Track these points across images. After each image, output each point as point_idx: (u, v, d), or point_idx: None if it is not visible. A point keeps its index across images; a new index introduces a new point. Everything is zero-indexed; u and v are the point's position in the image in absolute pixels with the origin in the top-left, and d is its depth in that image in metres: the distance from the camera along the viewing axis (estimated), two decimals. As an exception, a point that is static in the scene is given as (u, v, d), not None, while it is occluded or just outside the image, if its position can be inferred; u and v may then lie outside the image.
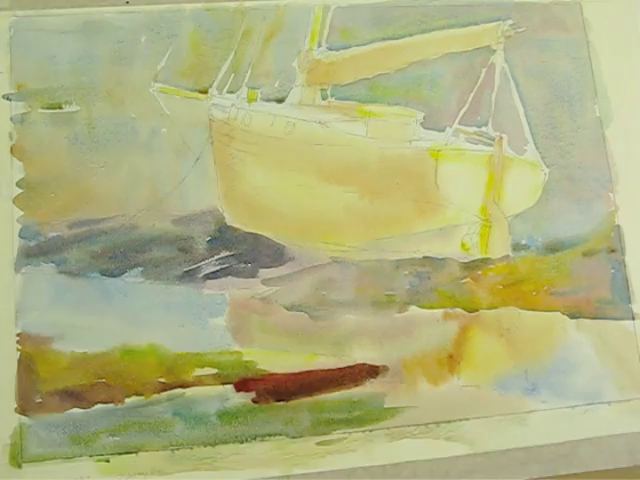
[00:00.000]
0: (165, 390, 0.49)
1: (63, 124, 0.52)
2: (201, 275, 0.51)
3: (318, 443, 0.50)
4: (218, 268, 0.51)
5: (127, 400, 0.49)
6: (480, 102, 0.56)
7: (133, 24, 0.54)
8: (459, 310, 0.53)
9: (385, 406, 0.51)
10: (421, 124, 0.55)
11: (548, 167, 0.56)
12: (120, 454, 0.48)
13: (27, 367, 0.48)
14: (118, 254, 0.51)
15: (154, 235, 0.51)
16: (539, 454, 0.51)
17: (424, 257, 0.53)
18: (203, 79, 0.54)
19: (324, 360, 0.51)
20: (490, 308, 0.53)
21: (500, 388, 0.52)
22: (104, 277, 0.50)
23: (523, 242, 0.55)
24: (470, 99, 0.56)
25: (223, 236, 0.52)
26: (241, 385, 0.50)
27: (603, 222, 0.56)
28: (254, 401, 0.50)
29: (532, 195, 0.56)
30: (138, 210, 0.51)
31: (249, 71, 0.54)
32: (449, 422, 0.51)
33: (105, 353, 0.49)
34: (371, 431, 0.51)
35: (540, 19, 0.58)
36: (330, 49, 0.55)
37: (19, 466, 0.47)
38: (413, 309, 0.53)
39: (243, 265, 0.52)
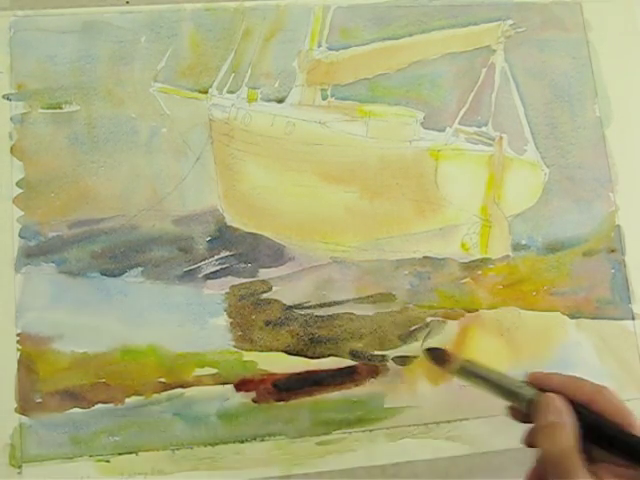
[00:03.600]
0: (165, 390, 0.49)
1: (63, 124, 0.52)
2: (201, 275, 0.51)
3: (318, 443, 0.50)
4: (218, 268, 0.51)
5: (127, 400, 0.49)
6: (480, 102, 0.56)
7: (133, 24, 0.54)
8: (459, 310, 0.53)
9: (385, 406, 0.51)
10: (421, 124, 0.55)
11: (548, 167, 0.56)
12: (120, 454, 0.48)
13: (27, 367, 0.48)
14: (118, 254, 0.51)
15: (154, 235, 0.51)
16: (539, 454, 0.51)
17: (424, 257, 0.53)
18: (203, 79, 0.54)
19: (324, 360, 0.51)
20: (490, 308, 0.53)
21: (500, 388, 0.52)
22: (104, 277, 0.50)
23: (523, 242, 0.55)
24: (470, 99, 0.56)
25: (223, 236, 0.52)
26: (241, 385, 0.50)
27: (603, 222, 0.56)
28: (254, 401, 0.50)
29: (532, 195, 0.56)
30: (138, 210, 0.51)
31: (249, 71, 0.54)
32: (449, 422, 0.51)
33: (105, 353, 0.49)
34: (371, 431, 0.51)
35: (540, 19, 0.58)
36: (330, 49, 0.55)
37: (19, 466, 0.47)
38: (413, 309, 0.53)
39: (243, 265, 0.52)
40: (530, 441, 0.43)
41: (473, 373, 0.47)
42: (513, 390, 0.44)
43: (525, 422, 0.43)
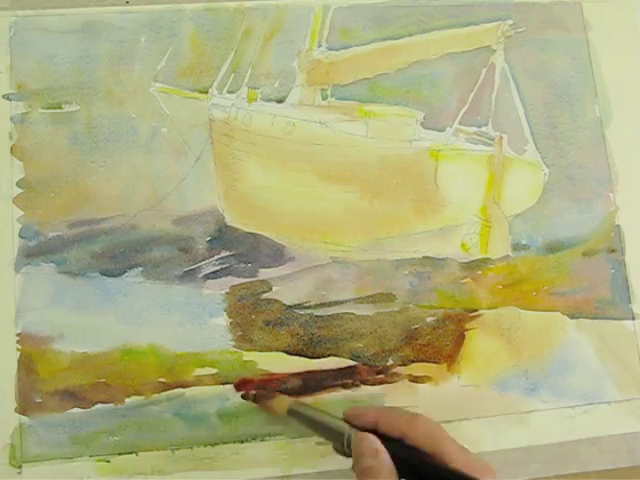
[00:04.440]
0: (165, 390, 0.49)
1: (63, 124, 0.52)
2: (201, 275, 0.51)
3: (318, 443, 0.50)
4: (218, 268, 0.51)
5: (127, 400, 0.49)
6: (480, 102, 0.56)
7: (133, 24, 0.54)
8: (459, 310, 0.53)
9: (385, 406, 0.51)
10: (421, 124, 0.55)
11: (548, 167, 0.56)
12: (120, 454, 0.48)
13: (27, 367, 0.48)
14: (118, 254, 0.51)
15: (154, 235, 0.51)
16: (539, 454, 0.51)
17: (424, 257, 0.53)
18: (203, 79, 0.54)
19: (324, 360, 0.51)
20: (490, 308, 0.53)
21: (500, 388, 0.52)
22: (104, 277, 0.50)
23: (523, 242, 0.55)
24: (470, 99, 0.56)
25: (223, 236, 0.52)
26: (241, 385, 0.50)
27: (603, 222, 0.56)
28: (254, 401, 0.50)
29: (532, 195, 0.56)
30: (138, 210, 0.51)
31: (249, 71, 0.54)
32: (449, 422, 0.51)
33: (105, 353, 0.49)
34: (371, 431, 0.50)
35: (540, 19, 0.58)
36: (330, 49, 0.55)
37: (19, 466, 0.47)
38: (413, 309, 0.53)
39: (243, 265, 0.52)
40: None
41: (300, 414, 0.47)
42: (335, 430, 0.44)
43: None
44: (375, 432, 0.41)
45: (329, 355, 0.51)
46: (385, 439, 0.41)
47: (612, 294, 0.55)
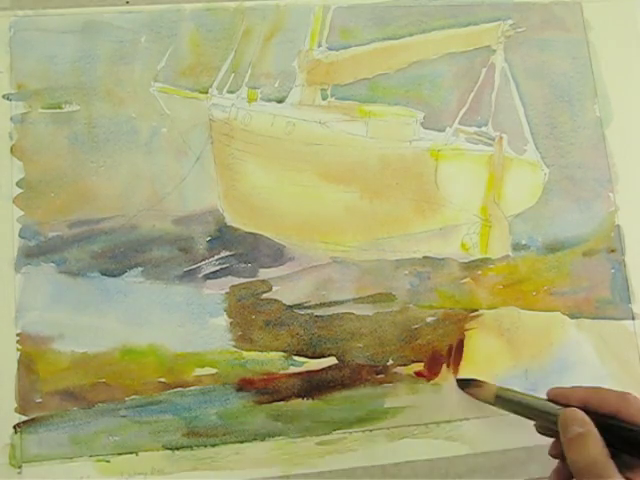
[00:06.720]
0: (165, 390, 0.49)
1: (63, 124, 0.52)
2: (201, 275, 0.51)
3: (318, 443, 0.50)
4: (218, 268, 0.51)
5: (127, 400, 0.49)
6: (480, 102, 0.56)
7: (133, 24, 0.54)
8: (459, 310, 0.53)
9: (385, 406, 0.51)
10: (421, 124, 0.55)
11: (548, 167, 0.56)
12: (120, 454, 0.48)
13: (27, 367, 0.48)
14: (118, 254, 0.51)
15: (154, 235, 0.51)
16: (539, 454, 0.51)
17: (424, 257, 0.53)
18: (203, 79, 0.54)
19: (324, 360, 0.51)
20: (490, 308, 0.53)
21: (500, 388, 0.52)
22: (104, 277, 0.50)
23: (523, 242, 0.55)
24: (470, 99, 0.56)
25: (223, 236, 0.52)
26: (241, 385, 0.50)
27: (603, 222, 0.56)
28: (254, 401, 0.50)
29: (532, 195, 0.56)
30: (138, 210, 0.51)
31: (249, 71, 0.54)
32: (449, 422, 0.51)
33: (105, 353, 0.49)
34: (371, 431, 0.51)
35: (540, 19, 0.58)
36: (330, 49, 0.55)
37: (19, 466, 0.47)
38: (413, 309, 0.53)
39: (243, 265, 0.52)
40: (556, 453, 0.43)
41: (506, 399, 0.47)
42: (545, 410, 0.44)
43: (556, 437, 0.43)
44: (584, 410, 0.41)
45: (329, 355, 0.51)
46: (596, 416, 0.41)
47: (612, 294, 0.55)
